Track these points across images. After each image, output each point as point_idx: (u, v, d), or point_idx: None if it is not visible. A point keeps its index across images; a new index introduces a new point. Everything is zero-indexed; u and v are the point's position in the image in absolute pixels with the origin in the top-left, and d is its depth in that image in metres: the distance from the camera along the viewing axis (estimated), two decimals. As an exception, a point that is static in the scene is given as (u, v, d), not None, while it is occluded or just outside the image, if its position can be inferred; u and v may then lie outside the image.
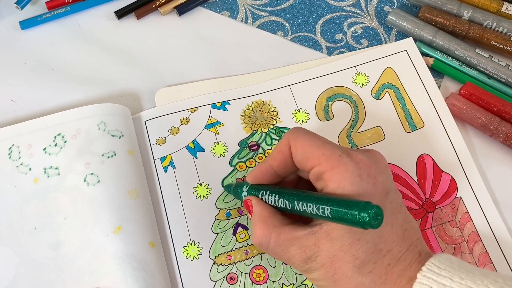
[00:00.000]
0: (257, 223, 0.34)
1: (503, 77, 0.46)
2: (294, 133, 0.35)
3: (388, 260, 0.31)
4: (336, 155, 0.32)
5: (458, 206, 0.42)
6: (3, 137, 0.41)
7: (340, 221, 0.29)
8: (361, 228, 0.28)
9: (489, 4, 0.49)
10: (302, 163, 0.34)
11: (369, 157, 0.33)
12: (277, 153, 0.35)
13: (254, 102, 0.45)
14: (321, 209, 0.30)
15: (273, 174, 0.36)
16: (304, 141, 0.34)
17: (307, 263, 0.32)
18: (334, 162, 0.32)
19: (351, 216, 0.28)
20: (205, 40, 0.49)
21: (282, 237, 0.33)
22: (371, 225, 0.27)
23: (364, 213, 0.28)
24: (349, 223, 0.29)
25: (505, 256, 0.40)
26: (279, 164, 0.35)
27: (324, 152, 0.32)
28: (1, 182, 0.40)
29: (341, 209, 0.29)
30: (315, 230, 0.32)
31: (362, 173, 0.32)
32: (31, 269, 0.37)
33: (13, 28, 0.48)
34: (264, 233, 0.33)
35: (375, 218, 0.27)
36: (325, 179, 0.32)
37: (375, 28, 0.50)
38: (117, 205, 0.38)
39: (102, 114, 0.41)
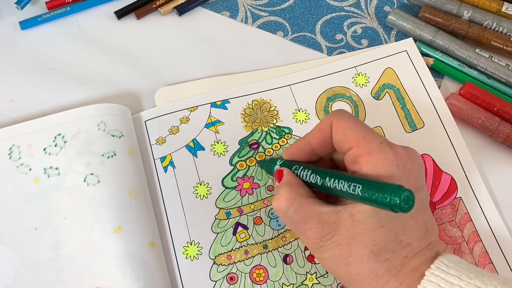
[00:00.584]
0: (283, 187, 0.34)
1: (503, 77, 0.47)
2: (337, 114, 0.35)
3: (406, 252, 0.31)
4: (376, 141, 0.32)
5: (458, 206, 0.42)
6: (3, 137, 0.41)
7: (370, 202, 0.29)
8: (391, 210, 0.28)
9: (489, 4, 0.49)
10: (340, 143, 0.34)
11: (408, 152, 0.33)
12: (318, 131, 0.35)
13: (254, 100, 0.45)
14: (352, 187, 0.30)
15: (309, 151, 0.36)
16: (347, 123, 0.34)
17: (322, 240, 0.32)
18: (373, 147, 0.32)
19: (381, 197, 0.28)
20: (205, 40, 0.49)
21: (304, 206, 0.32)
22: (401, 208, 0.27)
23: (395, 196, 0.27)
24: (379, 204, 0.28)
25: (505, 256, 0.40)
26: (318, 142, 0.35)
27: (365, 136, 0.33)
28: (1, 182, 0.40)
29: (373, 189, 0.29)
30: (339, 209, 0.32)
31: (399, 164, 0.32)
32: (31, 269, 0.37)
33: (13, 28, 0.48)
34: (288, 197, 0.33)
35: (406, 202, 0.27)
36: (361, 163, 0.32)
37: (375, 28, 0.50)
38: (117, 205, 0.38)
39: (102, 114, 0.41)
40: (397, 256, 0.31)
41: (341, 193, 0.31)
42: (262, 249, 0.40)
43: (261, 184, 0.42)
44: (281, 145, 0.43)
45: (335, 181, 0.31)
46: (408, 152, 0.33)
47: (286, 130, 0.44)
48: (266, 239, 0.40)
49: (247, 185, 0.42)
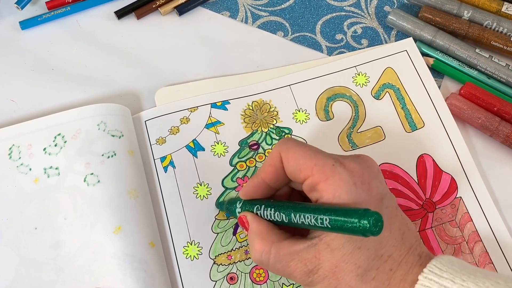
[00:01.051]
0: (255, 240, 0.34)
1: (503, 77, 0.47)
2: (284, 145, 0.34)
3: (390, 265, 0.31)
4: (329, 164, 0.32)
5: (458, 206, 0.42)
6: (3, 137, 0.41)
7: (340, 231, 0.29)
8: (362, 236, 0.28)
9: (489, 4, 0.49)
10: (294, 174, 0.33)
11: (361, 164, 0.33)
12: (268, 166, 0.35)
13: (254, 101, 0.45)
14: (320, 220, 0.30)
15: (266, 188, 0.36)
16: (295, 152, 0.33)
17: (309, 276, 0.32)
18: (327, 172, 0.32)
19: (351, 225, 0.28)
20: (205, 40, 0.49)
21: (282, 252, 0.32)
22: (372, 232, 0.27)
23: (364, 220, 0.27)
24: (349, 232, 0.28)
25: (505, 256, 0.40)
26: (271, 177, 0.35)
27: (317, 162, 0.32)
28: (1, 182, 0.40)
29: (340, 218, 0.28)
30: (315, 242, 0.31)
31: (357, 181, 0.31)
32: (32, 269, 0.37)
33: (13, 28, 0.48)
34: (264, 249, 0.33)
35: (376, 225, 0.27)
36: (320, 190, 0.32)
37: (375, 28, 0.50)
38: (117, 205, 0.38)
39: (102, 114, 0.41)
40: (382, 272, 0.31)
41: (309, 227, 0.31)
42: (262, 249, 0.40)
43: (261, 184, 0.42)
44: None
45: (301, 216, 0.31)
46: (361, 164, 0.33)
47: (286, 131, 0.44)
48: (266, 239, 0.40)
49: (247, 185, 0.42)
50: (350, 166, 0.32)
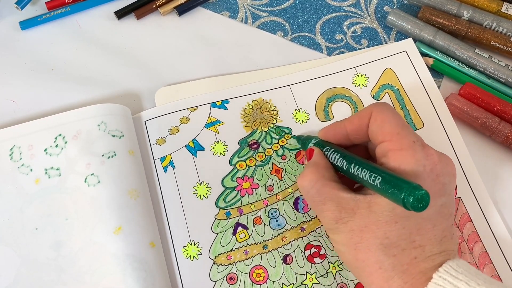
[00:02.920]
0: (310, 167, 0.35)
1: (503, 77, 0.47)
2: (379, 106, 0.35)
3: (417, 253, 0.31)
4: (409, 139, 0.33)
5: (458, 206, 0.42)
6: (4, 138, 0.41)
7: (386, 195, 0.30)
8: (404, 207, 0.28)
9: (488, 4, 0.49)
10: (375, 134, 0.34)
11: (441, 157, 0.33)
12: (356, 118, 0.36)
13: (254, 100, 0.45)
14: (373, 178, 0.31)
15: (344, 136, 0.37)
16: (386, 116, 0.34)
17: (337, 222, 0.33)
18: (405, 144, 0.32)
19: (396, 193, 0.28)
20: (205, 40, 0.49)
21: (325, 189, 0.34)
22: (414, 207, 0.28)
23: (410, 194, 0.28)
24: (393, 199, 0.29)
25: (505, 256, 0.40)
26: (353, 128, 0.36)
27: (400, 132, 0.33)
28: (3, 183, 0.40)
29: (391, 184, 0.29)
30: (358, 197, 0.33)
31: (427, 165, 0.32)
32: (32, 270, 0.37)
33: (13, 28, 0.48)
34: (312, 177, 0.34)
35: (419, 201, 0.28)
36: (390, 157, 0.32)
37: (375, 28, 0.50)
38: (118, 205, 0.38)
39: (103, 115, 0.41)
40: (406, 255, 0.31)
41: (362, 181, 0.32)
42: (262, 249, 0.40)
43: (261, 184, 0.42)
44: (281, 145, 0.43)
45: (359, 169, 0.32)
46: (440, 156, 0.33)
47: (286, 130, 0.44)
48: (266, 239, 0.40)
49: (247, 185, 0.42)
50: (429, 151, 0.33)
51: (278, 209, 0.41)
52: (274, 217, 0.41)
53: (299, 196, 0.41)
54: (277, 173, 0.42)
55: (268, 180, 0.42)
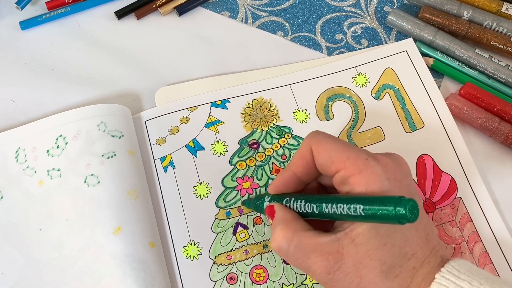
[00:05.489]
0: (279, 225, 0.33)
1: (503, 78, 0.47)
2: (314, 137, 0.34)
3: (413, 263, 0.31)
4: (362, 158, 0.31)
5: (458, 206, 0.42)
6: (9, 140, 0.42)
7: (375, 219, 0.28)
8: (398, 223, 0.27)
9: (489, 4, 0.49)
10: (325, 167, 0.33)
11: (394, 161, 0.33)
12: (299, 159, 0.34)
13: (254, 100, 0.45)
14: (353, 208, 0.29)
15: (296, 181, 0.35)
16: (326, 145, 0.33)
17: (330, 273, 0.31)
18: (360, 165, 0.31)
19: (386, 211, 0.27)
20: (205, 40, 0.49)
21: (304, 241, 0.31)
22: (408, 219, 0.27)
23: (400, 206, 0.27)
24: (384, 219, 0.28)
25: (505, 256, 0.40)
26: (302, 170, 0.34)
27: (349, 155, 0.32)
28: (9, 185, 0.40)
29: (375, 205, 0.28)
30: (339, 236, 0.31)
31: (390, 176, 0.31)
32: (36, 270, 0.38)
33: (13, 28, 0.48)
34: (286, 235, 0.32)
35: (412, 211, 0.27)
36: (352, 183, 0.31)
37: (375, 28, 0.50)
38: (117, 206, 0.38)
39: (102, 115, 0.41)
40: (406, 270, 0.31)
41: (341, 217, 0.30)
42: (262, 249, 0.40)
43: (261, 184, 0.42)
44: (281, 145, 0.43)
45: (333, 206, 0.31)
46: (394, 161, 0.33)
47: (286, 130, 0.44)
48: (266, 239, 0.40)
49: (247, 185, 0.42)
50: (384, 161, 0.32)
51: (278, 209, 0.41)
52: (274, 217, 0.41)
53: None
54: (277, 173, 0.42)
55: (268, 180, 0.42)
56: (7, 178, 0.40)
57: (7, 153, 0.41)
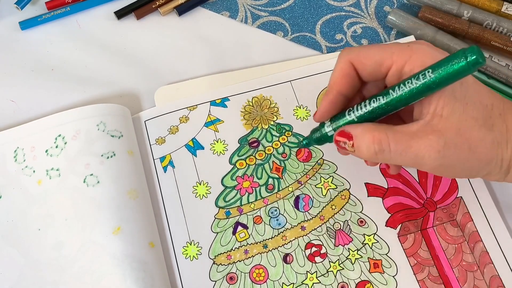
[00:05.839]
0: (366, 135, 0.32)
1: (503, 77, 0.46)
2: (351, 53, 0.35)
3: (497, 111, 0.33)
4: (405, 46, 0.33)
5: (459, 206, 0.42)
6: (8, 140, 0.42)
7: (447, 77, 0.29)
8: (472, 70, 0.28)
9: (489, 4, 0.49)
10: (375, 72, 0.34)
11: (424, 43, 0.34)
12: (342, 78, 0.35)
13: (254, 97, 0.45)
14: (422, 76, 0.30)
15: (342, 100, 0.35)
16: (367, 53, 0.34)
17: (439, 150, 0.31)
18: (407, 52, 0.32)
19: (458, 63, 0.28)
20: (205, 40, 0.49)
21: (398, 135, 0.32)
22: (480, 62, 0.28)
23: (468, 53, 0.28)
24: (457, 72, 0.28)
25: (505, 256, 0.40)
26: (347, 87, 0.35)
27: (392, 50, 0.33)
28: (8, 185, 0.40)
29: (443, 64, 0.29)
30: (427, 119, 0.32)
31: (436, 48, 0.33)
32: (35, 270, 0.38)
33: (13, 29, 0.48)
34: (380, 136, 0.32)
35: (480, 54, 0.28)
36: (408, 71, 0.32)
37: (375, 28, 0.50)
38: (117, 206, 0.38)
39: (102, 114, 0.41)
40: (496, 118, 0.33)
41: (410, 94, 0.31)
42: (262, 248, 0.40)
43: (261, 183, 0.42)
44: (281, 143, 0.43)
45: (400, 86, 0.31)
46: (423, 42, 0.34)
47: (287, 127, 0.44)
48: (266, 239, 0.40)
49: (247, 184, 0.42)
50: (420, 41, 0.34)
51: (279, 208, 0.41)
52: (274, 216, 0.41)
53: (300, 195, 0.41)
54: (278, 171, 0.42)
55: (268, 179, 0.42)
56: (5, 178, 0.40)
57: (5, 152, 0.41)
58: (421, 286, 0.38)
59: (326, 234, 0.40)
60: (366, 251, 0.39)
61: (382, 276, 0.39)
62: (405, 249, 0.40)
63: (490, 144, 0.32)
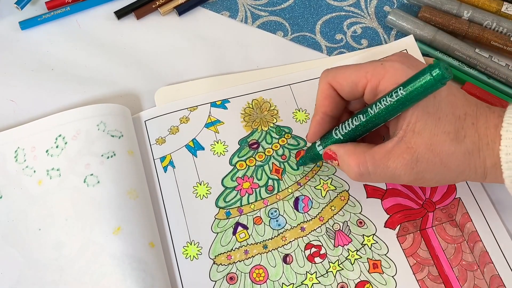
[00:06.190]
0: (348, 158, 0.35)
1: (503, 77, 0.46)
2: (328, 75, 0.37)
3: (470, 120, 0.34)
4: (378, 65, 0.35)
5: (458, 207, 0.42)
6: (8, 140, 0.42)
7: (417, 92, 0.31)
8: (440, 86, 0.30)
9: (489, 4, 0.49)
10: (352, 92, 0.36)
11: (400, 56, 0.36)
12: (324, 100, 0.37)
13: (254, 100, 0.45)
14: (394, 94, 0.32)
15: (329, 120, 0.38)
16: (343, 74, 0.36)
17: (413, 167, 0.34)
18: (381, 71, 0.34)
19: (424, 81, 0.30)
20: (205, 40, 0.49)
21: (376, 156, 0.34)
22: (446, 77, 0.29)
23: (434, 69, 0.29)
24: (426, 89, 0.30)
25: (505, 256, 0.40)
26: (331, 107, 0.37)
27: (367, 70, 0.35)
28: (8, 185, 0.40)
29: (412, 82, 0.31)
30: (400, 135, 0.34)
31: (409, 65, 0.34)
32: (35, 270, 0.37)
33: (13, 28, 0.48)
34: (359, 161, 0.34)
35: (446, 69, 0.29)
36: (382, 89, 0.34)
37: (375, 28, 0.50)
38: (117, 206, 0.38)
39: (102, 114, 0.41)
40: (468, 128, 0.34)
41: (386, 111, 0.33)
42: (262, 249, 0.40)
43: (260, 184, 0.42)
44: (281, 145, 0.43)
45: (376, 105, 0.33)
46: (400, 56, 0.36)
47: (286, 130, 0.44)
48: (266, 239, 0.40)
49: (247, 185, 0.42)
50: (395, 58, 0.35)
51: (278, 209, 0.41)
52: (274, 217, 0.41)
53: (299, 196, 0.41)
54: (277, 173, 0.42)
55: (268, 180, 0.42)
56: (6, 178, 0.40)
57: (6, 153, 0.41)
58: (420, 286, 0.38)
59: (326, 235, 0.40)
60: (365, 251, 0.40)
61: (382, 276, 0.39)
62: (404, 249, 0.40)
63: (462, 156, 0.34)
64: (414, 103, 0.32)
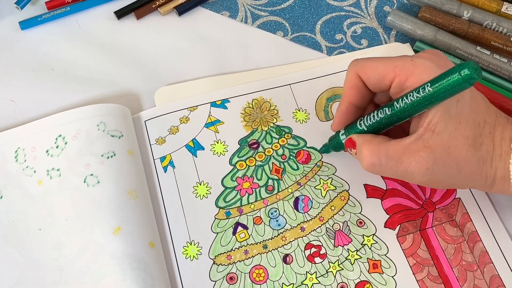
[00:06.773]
0: (363, 147, 0.35)
1: (506, 74, 0.46)
2: (357, 65, 0.36)
3: (488, 129, 0.34)
4: (408, 61, 0.34)
5: (458, 207, 0.42)
6: (8, 140, 0.42)
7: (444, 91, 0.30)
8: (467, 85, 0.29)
9: (489, 4, 0.49)
10: (379, 84, 0.36)
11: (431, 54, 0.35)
12: (351, 89, 0.37)
13: (254, 99, 0.45)
14: (422, 90, 0.31)
15: (354, 110, 0.38)
16: (371, 65, 0.36)
17: (428, 167, 0.33)
18: (409, 67, 0.34)
19: (453, 79, 0.30)
20: (205, 40, 0.49)
21: (391, 149, 0.34)
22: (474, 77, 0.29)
23: (463, 69, 0.29)
24: (452, 87, 0.30)
25: (504, 256, 0.40)
26: (357, 98, 0.37)
27: (396, 63, 0.34)
28: (9, 185, 0.40)
29: (440, 79, 0.30)
30: (420, 133, 0.33)
31: (439, 64, 0.34)
32: (35, 270, 0.37)
33: (13, 28, 0.48)
34: (373, 151, 0.34)
35: (475, 70, 0.29)
36: (409, 85, 0.34)
37: (375, 28, 0.50)
38: (117, 206, 0.38)
39: (102, 114, 0.41)
40: (485, 136, 0.34)
41: (412, 107, 0.33)
42: (262, 249, 0.40)
43: (260, 184, 0.42)
44: (281, 145, 0.43)
45: (403, 100, 0.33)
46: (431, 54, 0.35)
47: (286, 130, 0.44)
48: (266, 239, 0.40)
49: (246, 185, 0.42)
50: (426, 56, 0.35)
51: (278, 209, 0.41)
52: (274, 217, 0.41)
53: (299, 196, 0.41)
54: (277, 172, 0.42)
55: (268, 180, 0.42)
56: (6, 178, 0.40)
57: (6, 153, 0.41)
58: (420, 286, 0.38)
59: (326, 235, 0.40)
60: (365, 251, 0.40)
61: (381, 276, 0.39)
62: (404, 249, 0.40)
63: (476, 162, 0.34)
64: (440, 101, 0.32)
